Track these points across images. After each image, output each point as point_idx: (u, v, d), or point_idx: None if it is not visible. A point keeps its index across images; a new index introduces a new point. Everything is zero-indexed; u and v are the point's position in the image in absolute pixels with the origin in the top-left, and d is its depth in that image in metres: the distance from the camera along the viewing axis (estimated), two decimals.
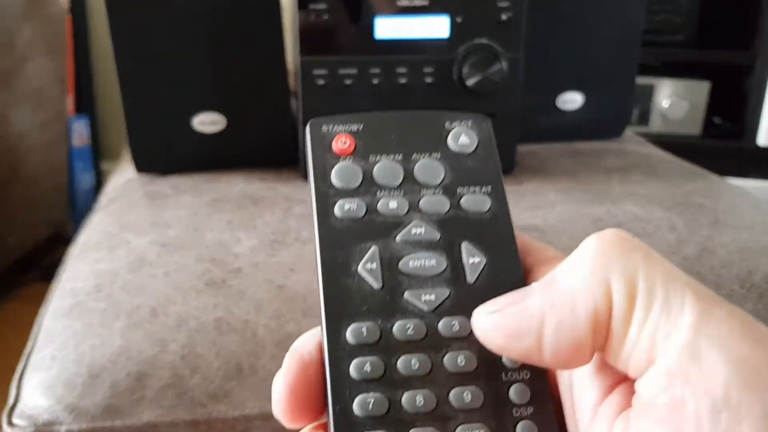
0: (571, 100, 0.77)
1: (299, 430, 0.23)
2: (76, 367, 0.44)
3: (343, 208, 0.24)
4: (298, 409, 0.22)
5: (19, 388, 0.44)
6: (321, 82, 0.63)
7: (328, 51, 0.63)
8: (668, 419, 0.18)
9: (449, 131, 0.26)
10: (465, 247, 0.24)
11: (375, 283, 0.23)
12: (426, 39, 0.63)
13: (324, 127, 0.25)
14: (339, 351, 0.22)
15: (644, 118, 1.33)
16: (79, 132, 1.51)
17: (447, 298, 0.23)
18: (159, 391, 0.43)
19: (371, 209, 0.24)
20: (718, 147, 1.30)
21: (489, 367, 0.22)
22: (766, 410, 0.17)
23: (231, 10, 0.66)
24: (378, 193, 0.24)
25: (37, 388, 0.43)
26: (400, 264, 0.23)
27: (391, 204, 0.24)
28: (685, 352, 0.18)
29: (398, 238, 0.24)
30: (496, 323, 0.21)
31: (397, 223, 0.24)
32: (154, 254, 0.53)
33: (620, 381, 0.21)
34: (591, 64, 0.77)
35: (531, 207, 0.62)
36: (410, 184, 0.25)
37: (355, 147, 0.25)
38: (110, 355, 0.44)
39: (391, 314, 0.23)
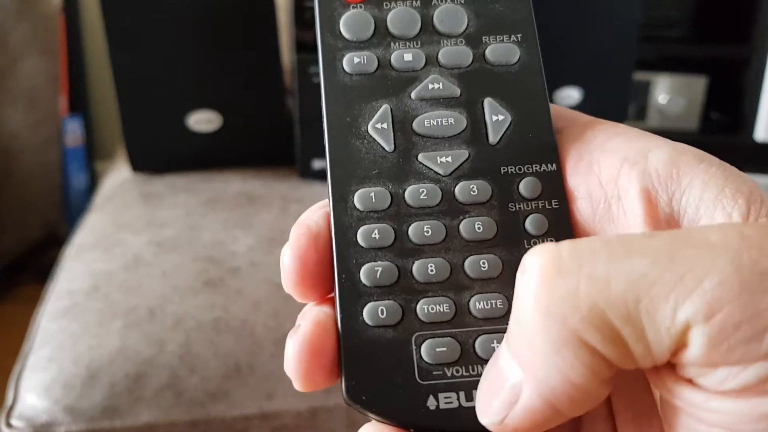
0: (569, 95, 0.77)
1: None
2: (73, 368, 0.44)
3: (352, 61, 0.21)
4: (309, 281, 0.20)
5: (16, 389, 0.44)
6: (317, 79, 0.63)
7: None
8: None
9: None
10: (488, 103, 0.22)
11: (386, 145, 0.21)
12: None
13: None
14: (346, 218, 0.20)
15: (641, 114, 1.33)
16: (73, 132, 1.50)
17: (466, 160, 0.21)
18: (157, 392, 0.43)
19: (384, 63, 0.22)
20: (716, 142, 1.29)
21: (510, 234, 0.20)
22: None
23: (226, 8, 0.65)
24: (392, 45, 0.22)
25: (35, 390, 0.43)
26: (415, 123, 0.21)
27: (406, 57, 0.22)
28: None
29: (413, 94, 0.21)
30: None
31: (412, 78, 0.22)
32: (150, 254, 0.53)
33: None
34: (589, 60, 0.76)
35: None
36: (429, 34, 0.22)
37: None
38: (108, 355, 0.44)
39: (403, 178, 0.20)
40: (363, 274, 0.20)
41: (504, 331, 0.18)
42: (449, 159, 0.21)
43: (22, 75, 1.29)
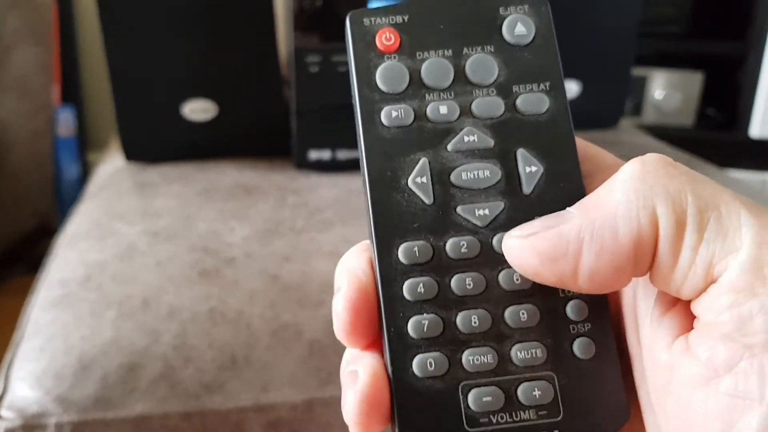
0: (568, 88, 0.76)
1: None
2: (65, 358, 0.43)
3: (390, 115, 0.22)
4: (361, 330, 0.21)
5: (6, 379, 0.43)
6: (314, 69, 0.62)
7: (321, 38, 0.62)
8: (735, 335, 0.18)
9: (504, 18, 0.23)
10: (521, 154, 0.22)
11: (426, 198, 0.22)
12: None
13: (366, 21, 0.23)
14: (391, 272, 0.21)
15: (638, 109, 1.33)
16: (65, 122, 1.49)
17: (502, 211, 0.22)
18: (151, 383, 0.42)
19: (420, 115, 0.22)
20: (711, 138, 1.29)
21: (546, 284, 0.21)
22: None
23: None
24: (427, 96, 0.22)
25: (26, 380, 0.42)
26: (452, 176, 0.22)
27: (441, 109, 0.22)
28: (749, 267, 0.18)
29: (449, 146, 0.22)
30: (532, 244, 0.20)
31: (448, 130, 0.22)
32: (144, 244, 0.52)
33: (676, 302, 0.20)
34: (587, 53, 0.76)
35: None
36: (461, 84, 0.23)
37: (400, 43, 0.23)
38: (101, 346, 0.43)
39: (443, 231, 0.22)
40: (411, 328, 0.21)
41: (544, 378, 0.21)
42: (486, 211, 0.22)
43: (15, 64, 1.27)
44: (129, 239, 0.53)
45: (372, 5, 0.57)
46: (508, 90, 0.23)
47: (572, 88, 0.76)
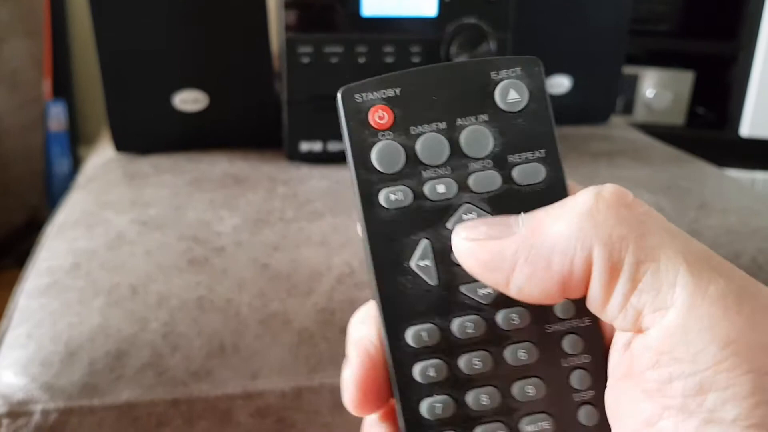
0: (558, 83, 0.76)
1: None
2: (52, 345, 0.43)
3: (389, 198, 0.22)
4: (369, 400, 0.22)
5: None
6: (306, 60, 0.62)
7: (313, 28, 0.62)
8: (655, 394, 0.18)
9: (496, 84, 0.23)
10: None
11: (430, 280, 0.22)
12: (414, 17, 0.62)
13: (357, 97, 0.22)
14: (401, 354, 0.22)
15: (628, 108, 1.33)
16: (56, 116, 1.48)
17: None
18: (138, 370, 0.42)
19: (418, 194, 0.22)
20: (702, 137, 1.30)
21: (549, 357, 0.22)
22: (753, 390, 0.17)
23: None
24: (423, 173, 0.22)
25: (12, 367, 0.42)
26: (454, 255, 0.22)
27: (439, 188, 0.22)
28: (674, 331, 0.18)
29: (449, 224, 0.22)
30: (474, 251, 0.21)
31: (446, 207, 0.22)
32: (134, 232, 0.52)
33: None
34: (579, 48, 0.76)
35: None
36: (457, 158, 0.22)
37: (394, 119, 0.22)
38: (88, 333, 0.43)
39: (449, 311, 0.22)
40: (424, 410, 0.22)
41: None
42: (489, 290, 0.22)
43: (6, 57, 1.27)
44: (118, 228, 0.53)
45: None
46: (504, 161, 0.23)
47: (563, 83, 0.76)
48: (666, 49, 1.35)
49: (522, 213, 0.21)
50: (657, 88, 1.31)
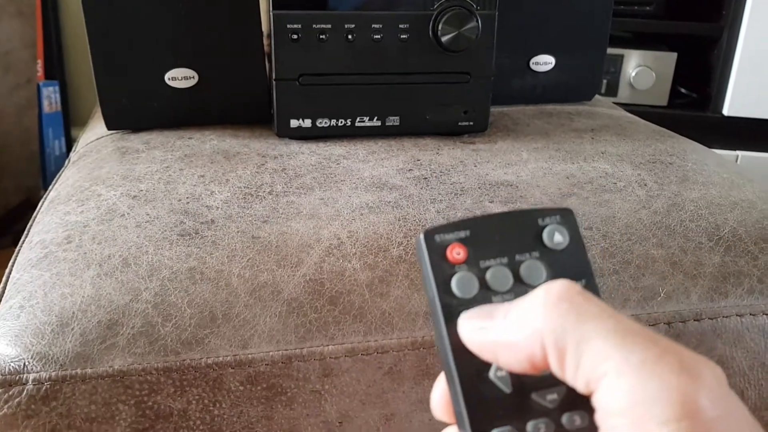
0: (544, 62, 0.77)
1: None
2: (44, 315, 0.43)
3: None
4: None
5: None
6: (294, 36, 0.62)
7: (302, 5, 0.62)
8: None
9: (543, 228, 0.28)
10: None
11: (506, 389, 0.26)
12: None
13: (437, 237, 0.28)
14: None
15: (612, 89, 1.34)
16: (49, 98, 1.47)
17: (565, 394, 0.26)
18: (130, 339, 0.43)
19: None
20: (684, 117, 1.32)
21: None
22: None
23: None
24: (493, 298, 0.27)
25: (4, 338, 0.43)
26: None
27: None
28: (612, 393, 0.22)
29: None
30: (470, 337, 0.26)
31: None
32: (125, 206, 0.52)
33: None
34: (564, 27, 0.77)
35: (504, 164, 0.63)
36: (519, 285, 0.27)
37: (467, 255, 0.27)
38: (80, 303, 0.44)
39: (523, 415, 0.26)
40: None
41: None
42: (555, 396, 0.26)
43: None
44: (110, 202, 0.53)
45: None
46: None
47: (549, 61, 0.77)
48: (649, 30, 1.36)
49: (504, 303, 0.26)
50: (640, 69, 1.32)
